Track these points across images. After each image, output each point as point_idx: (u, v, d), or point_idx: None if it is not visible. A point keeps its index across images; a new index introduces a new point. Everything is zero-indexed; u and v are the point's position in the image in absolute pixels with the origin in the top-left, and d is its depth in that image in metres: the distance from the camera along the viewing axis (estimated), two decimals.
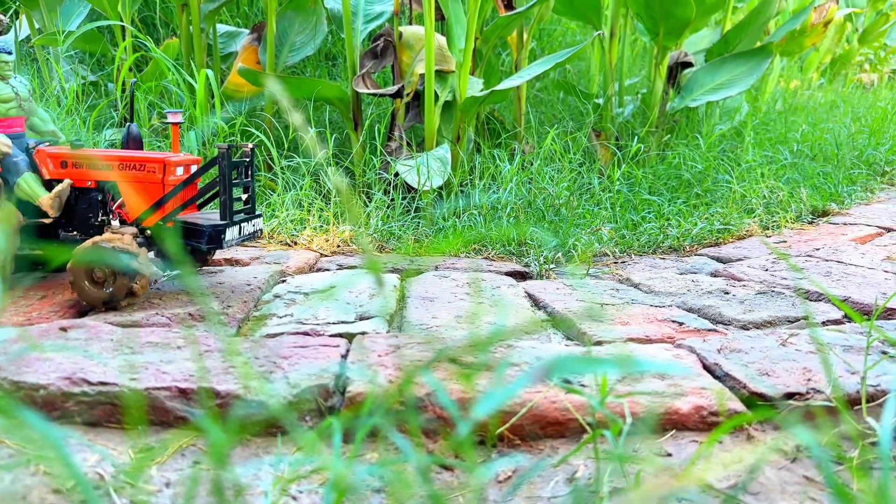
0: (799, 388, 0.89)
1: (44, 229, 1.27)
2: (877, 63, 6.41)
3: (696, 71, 2.70)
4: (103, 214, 1.27)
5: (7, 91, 1.23)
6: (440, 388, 0.41)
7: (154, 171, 1.23)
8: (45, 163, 1.24)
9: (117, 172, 1.23)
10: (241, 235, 1.24)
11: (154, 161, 1.23)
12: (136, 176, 1.23)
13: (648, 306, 1.29)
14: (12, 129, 1.24)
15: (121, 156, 1.24)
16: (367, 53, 2.43)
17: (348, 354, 0.95)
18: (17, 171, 1.21)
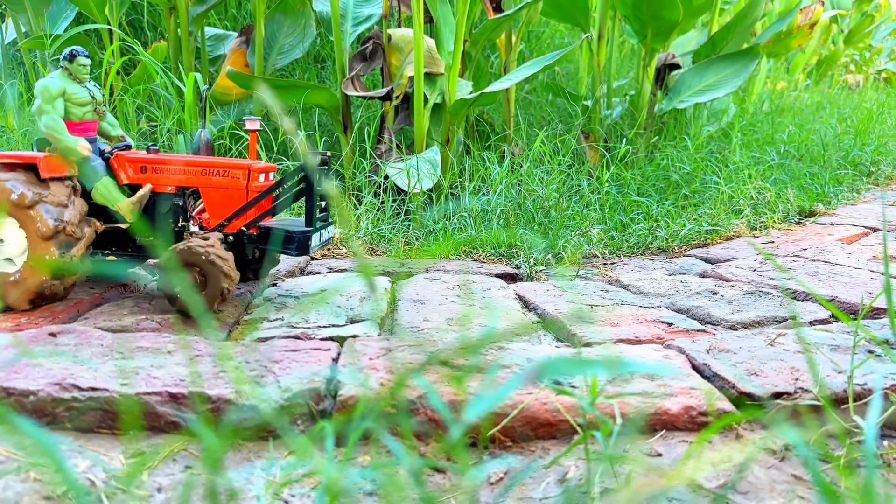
0: (787, 387, 0.90)
1: (119, 235, 1.26)
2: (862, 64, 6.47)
3: (684, 73, 2.71)
4: (183, 220, 1.26)
5: (85, 94, 1.22)
6: (432, 391, 0.41)
7: (238, 177, 1.23)
8: (124, 167, 1.23)
9: (200, 178, 1.23)
10: (320, 242, 1.25)
11: (238, 167, 1.23)
12: (219, 182, 1.23)
13: (638, 307, 1.30)
14: (87, 132, 1.23)
15: (204, 162, 1.24)
16: (356, 56, 2.43)
17: (339, 358, 0.95)
18: (96, 176, 1.20)
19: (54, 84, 1.18)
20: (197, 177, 1.23)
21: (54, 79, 1.19)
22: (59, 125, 1.17)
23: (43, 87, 1.17)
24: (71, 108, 1.20)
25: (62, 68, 1.20)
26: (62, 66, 1.20)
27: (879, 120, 3.80)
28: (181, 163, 1.23)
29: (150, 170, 1.23)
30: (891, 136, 3.55)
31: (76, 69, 1.20)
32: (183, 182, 1.24)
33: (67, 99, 1.19)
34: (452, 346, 1.03)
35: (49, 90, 1.17)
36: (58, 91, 1.18)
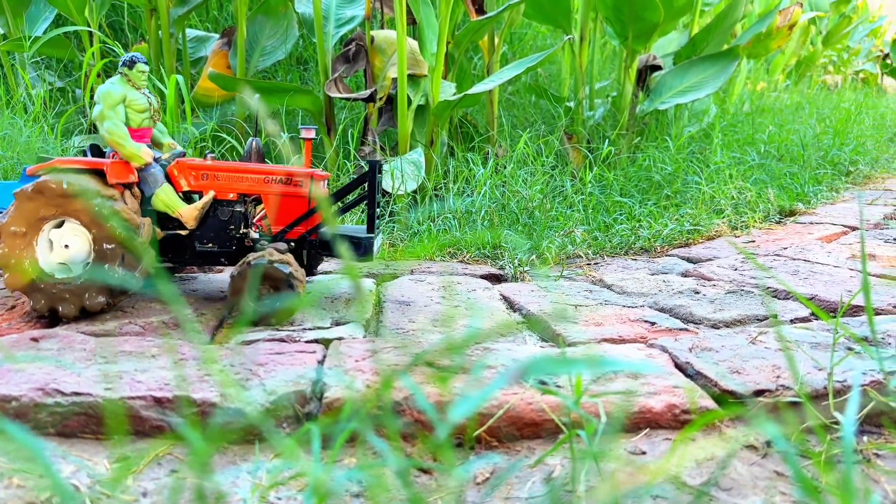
0: (768, 385, 0.91)
1: (177, 242, 1.25)
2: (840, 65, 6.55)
3: (665, 74, 2.74)
4: (244, 227, 1.26)
5: (143, 101, 1.21)
6: (418, 392, 0.41)
7: (302, 184, 1.24)
8: (185, 175, 1.22)
9: (263, 185, 1.23)
10: (379, 246, 1.27)
11: (302, 175, 1.23)
12: (282, 189, 1.23)
13: (621, 307, 1.30)
14: (144, 139, 1.23)
15: (268, 169, 1.24)
16: (339, 58, 2.43)
17: (325, 360, 0.95)
18: (156, 182, 1.19)
19: (116, 90, 1.18)
20: (260, 184, 1.23)
21: (115, 85, 1.18)
22: (122, 131, 1.17)
23: (106, 93, 1.17)
24: (130, 115, 1.19)
25: (121, 74, 1.20)
26: (121, 72, 1.20)
27: (857, 120, 3.86)
28: (244, 170, 1.23)
29: (212, 177, 1.23)
30: (868, 136, 3.60)
31: (135, 76, 1.20)
32: (245, 189, 1.24)
33: (127, 105, 1.18)
34: (438, 347, 1.03)
35: (112, 96, 1.17)
36: (119, 97, 1.17)
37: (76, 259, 1.13)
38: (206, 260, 1.25)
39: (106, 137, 1.17)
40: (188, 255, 1.25)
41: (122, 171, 1.16)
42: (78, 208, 1.10)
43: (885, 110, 4.71)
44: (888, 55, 10.53)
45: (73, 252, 1.12)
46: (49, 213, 1.10)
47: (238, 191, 1.24)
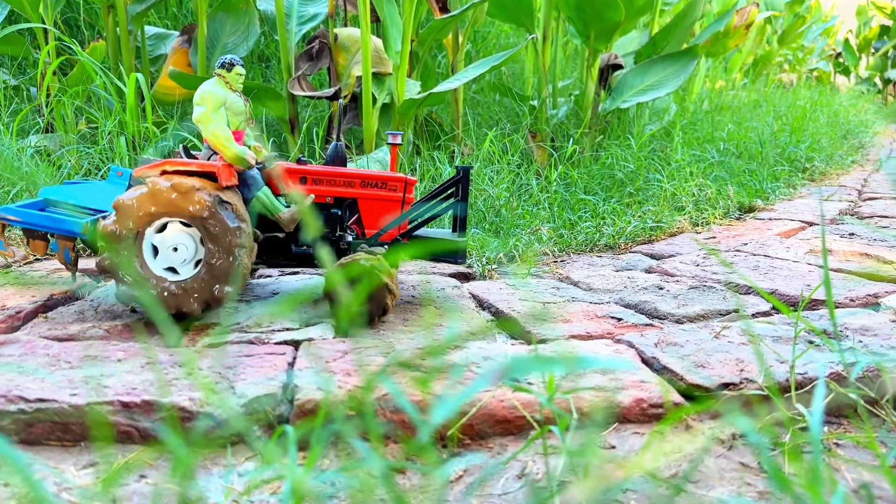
0: (733, 378, 0.93)
1: (272, 243, 1.24)
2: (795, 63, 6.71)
3: (626, 73, 2.77)
4: (340, 230, 1.26)
5: (241, 104, 1.20)
6: (400, 395, 0.41)
7: (396, 188, 1.26)
8: (284, 178, 1.22)
9: (359, 190, 1.25)
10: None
11: (396, 180, 1.26)
12: (377, 194, 1.25)
13: (588, 303, 1.32)
14: (238, 141, 1.21)
15: (364, 174, 1.26)
16: (303, 55, 2.41)
17: (295, 362, 0.94)
18: (256, 185, 1.18)
19: (219, 92, 1.17)
20: (356, 188, 1.25)
21: (216, 87, 1.17)
22: (227, 134, 1.16)
23: (209, 95, 1.15)
24: (228, 117, 1.18)
25: (218, 76, 1.18)
26: (218, 73, 1.18)
27: (812, 118, 3.96)
28: (340, 175, 1.25)
29: (310, 181, 1.24)
30: (823, 134, 3.70)
31: (232, 78, 1.18)
32: (342, 193, 1.25)
33: (227, 108, 1.17)
34: (412, 347, 1.03)
35: (215, 98, 1.15)
36: (222, 99, 1.16)
37: (185, 261, 1.12)
38: (300, 262, 1.27)
39: (210, 140, 1.16)
40: (283, 257, 1.26)
41: (227, 174, 1.15)
42: (194, 211, 1.08)
43: (839, 108, 4.84)
44: (840, 54, 10.82)
45: (182, 255, 1.11)
46: (160, 215, 1.08)
47: (334, 195, 1.25)
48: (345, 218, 1.27)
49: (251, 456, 0.78)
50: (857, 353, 0.98)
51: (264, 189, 1.19)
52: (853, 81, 10.70)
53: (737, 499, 0.70)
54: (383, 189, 1.25)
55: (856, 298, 1.30)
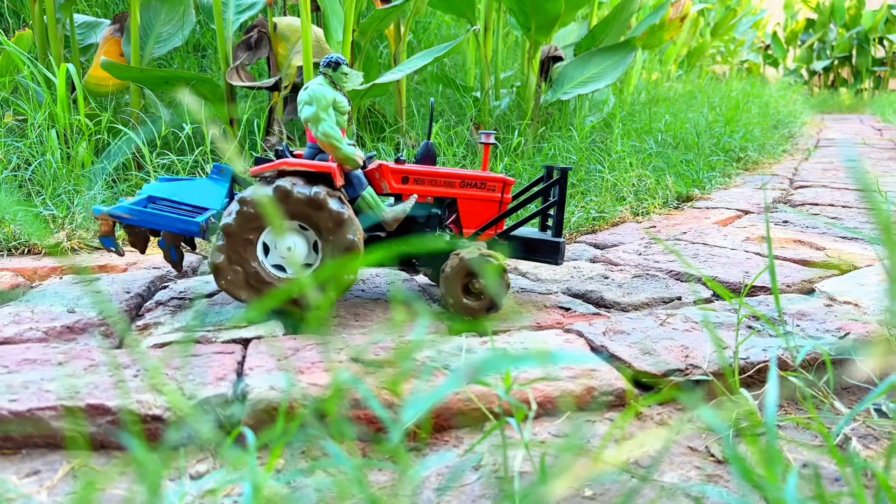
0: (678, 364, 0.96)
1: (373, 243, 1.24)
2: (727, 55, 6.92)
3: (567, 65, 2.81)
4: (440, 229, 1.27)
5: (346, 103, 1.18)
6: (370, 395, 0.41)
7: (494, 189, 1.28)
8: (386, 178, 1.23)
9: (459, 190, 1.26)
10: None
11: (495, 180, 1.28)
12: (476, 194, 1.27)
13: (537, 294, 1.34)
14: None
15: (464, 174, 1.27)
16: (241, 45, 2.35)
17: (245, 361, 0.93)
18: (361, 185, 1.17)
19: (329, 92, 1.15)
20: (456, 188, 1.26)
21: (325, 86, 1.15)
22: (337, 133, 1.16)
23: (320, 95, 1.14)
24: (336, 117, 1.17)
25: (324, 75, 1.17)
26: (324, 72, 1.17)
27: (745, 108, 4.09)
28: (441, 174, 1.26)
29: (412, 180, 1.24)
30: (756, 124, 3.83)
31: (338, 77, 1.17)
32: (442, 193, 1.26)
33: (334, 108, 1.16)
34: (365, 342, 1.02)
35: (326, 98, 1.14)
36: (331, 99, 1.15)
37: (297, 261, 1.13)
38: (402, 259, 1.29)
39: (321, 139, 1.15)
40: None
41: (339, 174, 1.15)
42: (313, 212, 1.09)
43: (769, 99, 5.01)
44: (769, 46, 11.20)
45: (296, 254, 1.12)
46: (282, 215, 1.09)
47: (435, 194, 1.26)
48: (444, 217, 1.29)
49: (203, 458, 0.77)
50: (796, 337, 1.02)
51: (368, 189, 1.18)
52: (781, 73, 11.11)
53: (699, 486, 0.72)
54: (482, 189, 1.27)
55: (792, 284, 1.35)
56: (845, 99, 9.86)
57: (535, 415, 0.86)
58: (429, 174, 1.25)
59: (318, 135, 1.15)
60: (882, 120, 6.62)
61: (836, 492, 0.68)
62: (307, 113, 1.15)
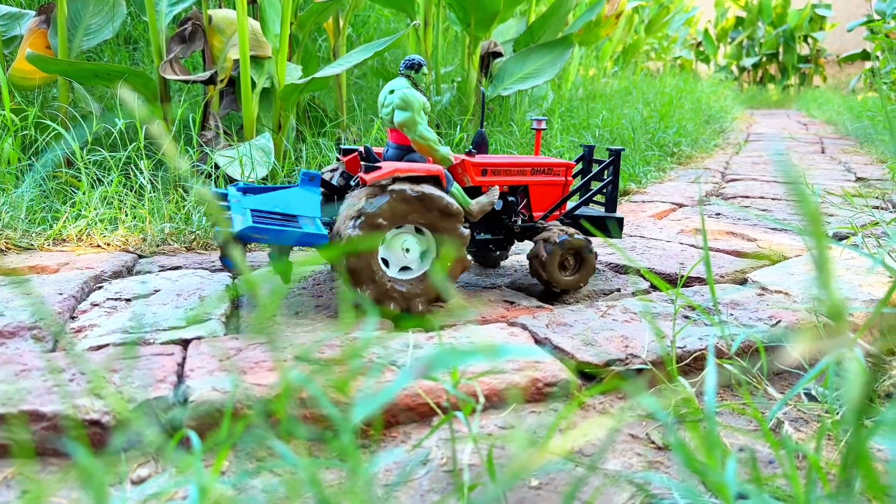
0: (619, 354, 0.98)
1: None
2: (661, 52, 7.09)
3: (506, 61, 2.83)
4: (515, 215, 1.33)
5: (428, 104, 1.21)
6: (321, 394, 0.41)
7: (559, 174, 1.36)
8: (468, 171, 1.27)
9: (529, 177, 1.34)
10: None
11: (560, 166, 1.36)
12: (545, 179, 1.35)
13: (482, 288, 1.35)
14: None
15: (533, 162, 1.34)
16: (174, 38, 2.29)
17: (185, 362, 0.91)
18: (450, 182, 1.19)
19: (419, 95, 1.19)
20: (528, 175, 1.34)
21: (413, 90, 1.19)
22: (434, 136, 1.20)
23: (413, 99, 1.18)
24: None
25: (406, 77, 1.21)
26: (406, 74, 1.21)
27: (678, 104, 4.20)
28: (514, 164, 1.32)
29: (490, 172, 1.29)
30: (688, 119, 3.94)
31: (419, 78, 1.21)
32: (517, 181, 1.33)
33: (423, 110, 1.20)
34: (309, 340, 1.01)
35: (418, 101, 1.18)
36: (423, 102, 1.19)
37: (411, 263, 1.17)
38: (478, 248, 1.33)
39: (419, 142, 1.19)
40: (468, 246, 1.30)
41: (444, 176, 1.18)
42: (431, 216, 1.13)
43: (701, 95, 5.16)
44: (701, 43, 11.52)
45: (412, 256, 1.16)
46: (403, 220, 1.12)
47: (510, 183, 1.32)
48: (518, 203, 1.34)
49: (145, 462, 0.75)
50: (731, 326, 1.06)
51: (455, 184, 1.21)
52: (713, 69, 11.45)
53: (642, 473, 0.74)
54: (549, 174, 1.36)
55: (725, 275, 1.40)
56: (773, 95, 10.24)
57: (482, 408, 0.87)
58: (505, 165, 1.31)
59: (415, 137, 1.18)
60: (807, 115, 6.91)
61: (771, 474, 0.71)
62: (402, 117, 1.18)
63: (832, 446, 0.80)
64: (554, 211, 1.37)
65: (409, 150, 1.24)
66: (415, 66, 1.21)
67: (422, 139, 1.18)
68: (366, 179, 1.11)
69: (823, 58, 10.95)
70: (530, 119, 2.80)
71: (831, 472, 0.70)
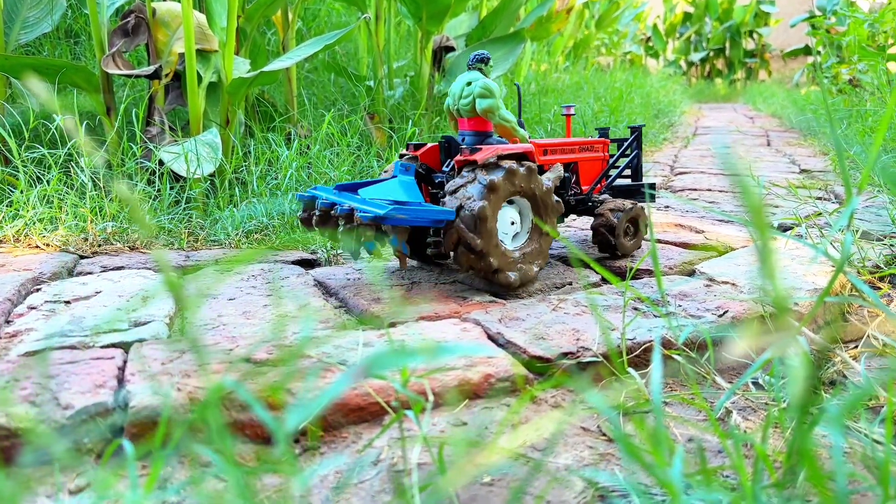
0: (570, 347, 0.98)
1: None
2: (611, 47, 7.17)
3: (459, 55, 2.82)
4: (570, 190, 1.48)
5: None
6: (253, 400, 0.39)
7: (599, 150, 1.56)
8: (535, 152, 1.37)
9: (579, 154, 1.52)
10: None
11: (600, 143, 1.56)
12: (590, 156, 1.54)
13: (434, 284, 1.34)
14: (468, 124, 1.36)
15: (581, 141, 1.53)
16: (117, 31, 2.22)
17: (126, 366, 0.87)
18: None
19: (496, 84, 1.32)
20: (577, 153, 1.52)
21: (490, 80, 1.31)
22: (514, 119, 1.33)
23: (493, 87, 1.30)
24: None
25: (478, 69, 1.34)
26: (477, 67, 1.34)
27: (628, 99, 4.25)
28: (567, 143, 1.49)
29: (549, 151, 1.45)
30: (638, 113, 3.99)
31: (488, 70, 1.34)
32: (571, 159, 1.50)
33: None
34: (257, 341, 0.99)
35: (496, 89, 1.31)
36: (499, 90, 1.31)
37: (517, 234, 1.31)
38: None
39: (502, 125, 1.32)
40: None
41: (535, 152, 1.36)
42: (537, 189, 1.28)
43: (650, 89, 5.24)
44: (650, 38, 11.70)
45: (515, 228, 1.30)
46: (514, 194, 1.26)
47: (567, 161, 1.49)
48: (571, 179, 1.50)
49: (83, 472, 0.72)
50: (679, 317, 1.07)
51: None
52: (662, 64, 11.64)
53: (590, 471, 0.74)
54: (593, 151, 1.54)
55: (674, 266, 1.42)
56: (720, 89, 10.46)
57: (434, 405, 0.86)
58: (560, 145, 1.48)
59: (498, 121, 1.32)
60: (753, 108, 7.08)
61: (719, 465, 0.72)
62: (486, 104, 1.30)
63: (779, 434, 0.81)
64: (598, 184, 1.53)
65: (486, 136, 1.34)
66: (485, 59, 1.34)
67: (505, 122, 1.32)
68: (476, 159, 1.24)
69: (768, 53, 11.23)
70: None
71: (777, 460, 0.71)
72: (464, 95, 1.32)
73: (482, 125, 1.33)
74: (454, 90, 1.34)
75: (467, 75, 1.33)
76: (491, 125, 1.33)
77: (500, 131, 1.33)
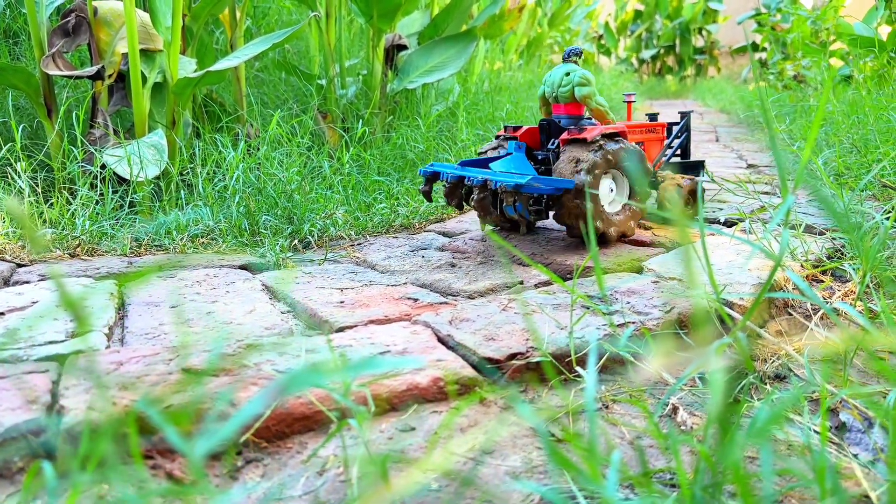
0: (520, 348, 0.98)
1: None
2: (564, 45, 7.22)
3: (411, 53, 2.81)
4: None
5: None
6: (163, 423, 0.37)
7: (659, 132, 1.76)
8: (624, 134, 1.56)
9: (645, 135, 1.72)
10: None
11: (661, 125, 1.77)
12: (654, 136, 1.74)
13: (385, 286, 1.33)
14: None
15: (644, 123, 1.73)
16: (57, 30, 2.15)
17: (61, 380, 0.84)
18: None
19: (591, 74, 1.53)
20: (643, 134, 1.72)
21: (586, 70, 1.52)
22: (606, 103, 1.54)
23: (590, 76, 1.53)
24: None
25: (573, 62, 1.56)
26: (573, 60, 1.56)
27: None
28: (637, 126, 1.71)
29: (623, 134, 1.55)
30: None
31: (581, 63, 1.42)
32: (639, 138, 1.70)
33: None
34: (199, 350, 0.96)
35: (593, 79, 1.53)
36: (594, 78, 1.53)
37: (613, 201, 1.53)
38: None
39: (599, 109, 1.53)
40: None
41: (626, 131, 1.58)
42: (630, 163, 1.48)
43: (602, 87, 5.29)
44: (602, 36, 11.83)
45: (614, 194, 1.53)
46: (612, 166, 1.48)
47: (637, 141, 1.69)
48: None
49: (14, 492, 0.69)
50: (625, 314, 1.08)
51: None
52: (614, 61, 11.78)
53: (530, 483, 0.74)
54: (655, 133, 1.75)
55: (622, 263, 1.43)
56: (671, 85, 10.63)
57: (382, 411, 0.84)
58: (631, 127, 1.66)
59: (595, 106, 1.53)
60: (703, 104, 7.21)
61: (662, 466, 0.72)
62: (585, 91, 1.52)
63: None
64: (659, 161, 1.73)
65: (579, 118, 1.56)
66: (579, 53, 1.57)
67: (601, 106, 1.53)
68: (586, 137, 1.45)
69: (717, 49, 11.46)
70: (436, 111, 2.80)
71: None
72: (563, 84, 1.53)
73: (576, 109, 1.55)
74: (553, 79, 1.55)
75: (565, 66, 1.54)
76: (583, 109, 1.55)
77: (595, 114, 1.54)
